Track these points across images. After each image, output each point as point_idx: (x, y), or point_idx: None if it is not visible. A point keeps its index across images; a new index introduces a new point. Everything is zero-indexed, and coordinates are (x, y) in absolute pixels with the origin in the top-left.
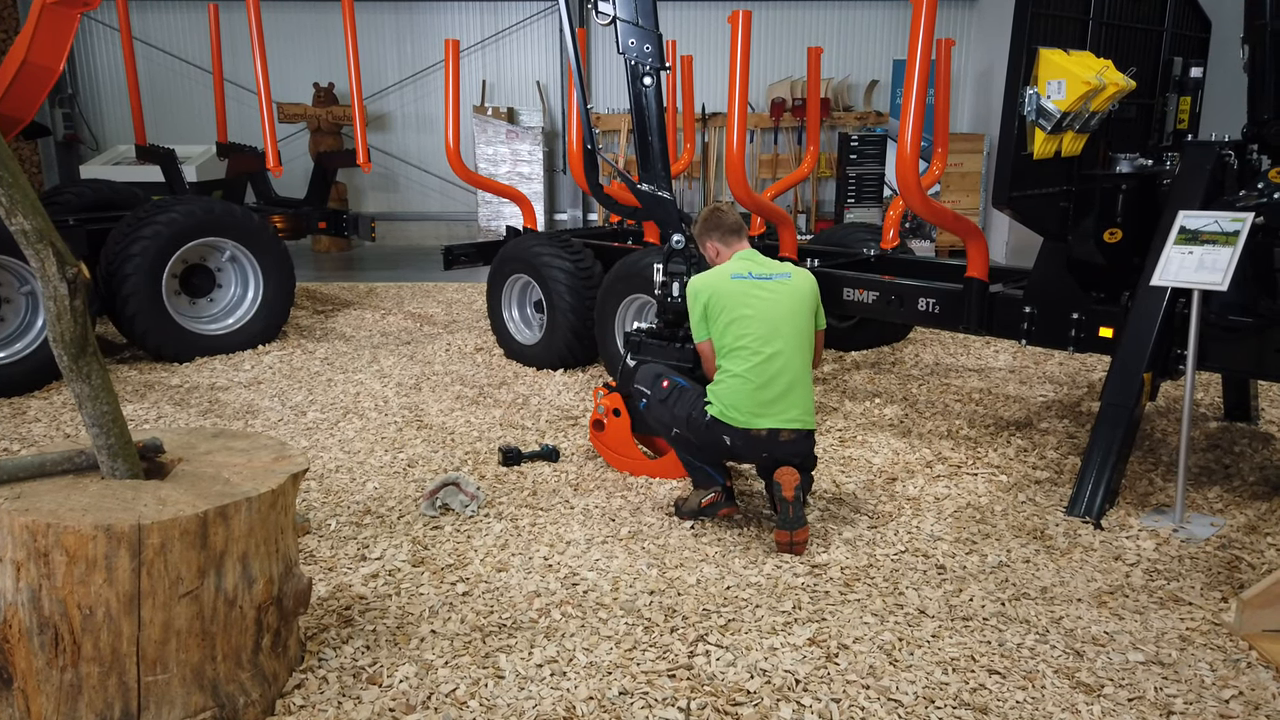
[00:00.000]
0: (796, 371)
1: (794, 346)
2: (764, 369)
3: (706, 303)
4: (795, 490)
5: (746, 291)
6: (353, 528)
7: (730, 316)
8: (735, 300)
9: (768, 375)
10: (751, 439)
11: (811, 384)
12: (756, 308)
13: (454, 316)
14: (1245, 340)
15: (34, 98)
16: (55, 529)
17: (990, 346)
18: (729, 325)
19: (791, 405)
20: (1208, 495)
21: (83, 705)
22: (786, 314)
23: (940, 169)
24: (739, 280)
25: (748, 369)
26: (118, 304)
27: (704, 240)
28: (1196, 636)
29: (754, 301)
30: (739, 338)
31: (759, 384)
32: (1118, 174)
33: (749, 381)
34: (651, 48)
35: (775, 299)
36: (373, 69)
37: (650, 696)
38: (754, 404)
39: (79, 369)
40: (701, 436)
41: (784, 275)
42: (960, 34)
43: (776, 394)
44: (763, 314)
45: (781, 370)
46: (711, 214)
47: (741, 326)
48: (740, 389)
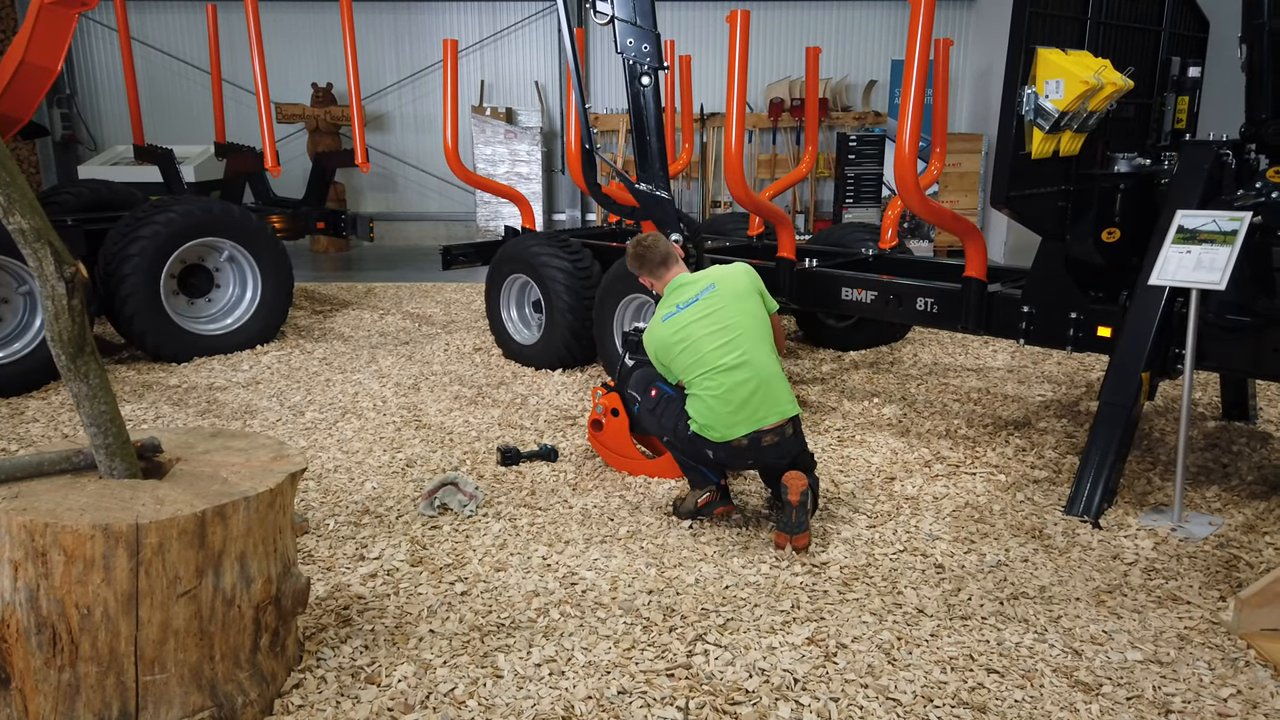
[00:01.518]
0: (762, 370)
1: (751, 342)
2: (726, 380)
3: (656, 355)
4: (801, 495)
5: (682, 326)
6: (351, 527)
7: (678, 355)
8: (675, 340)
9: (732, 384)
10: (734, 450)
11: (781, 372)
12: (698, 331)
13: (452, 316)
14: (1243, 339)
15: (32, 98)
16: (53, 528)
17: (989, 346)
18: (684, 362)
19: (763, 405)
20: (1206, 494)
21: (80, 705)
22: (730, 318)
23: (938, 169)
24: (670, 319)
25: (711, 388)
26: (116, 304)
27: (639, 276)
28: (1195, 635)
29: (694, 329)
30: (694, 366)
31: (725, 397)
32: (1116, 173)
33: (716, 399)
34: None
35: (711, 313)
36: (371, 69)
37: (649, 696)
38: (725, 416)
39: (77, 369)
40: (686, 448)
41: (710, 288)
42: (958, 34)
43: (744, 399)
44: (707, 334)
45: (747, 377)
46: (634, 250)
47: (691, 356)
48: (712, 407)
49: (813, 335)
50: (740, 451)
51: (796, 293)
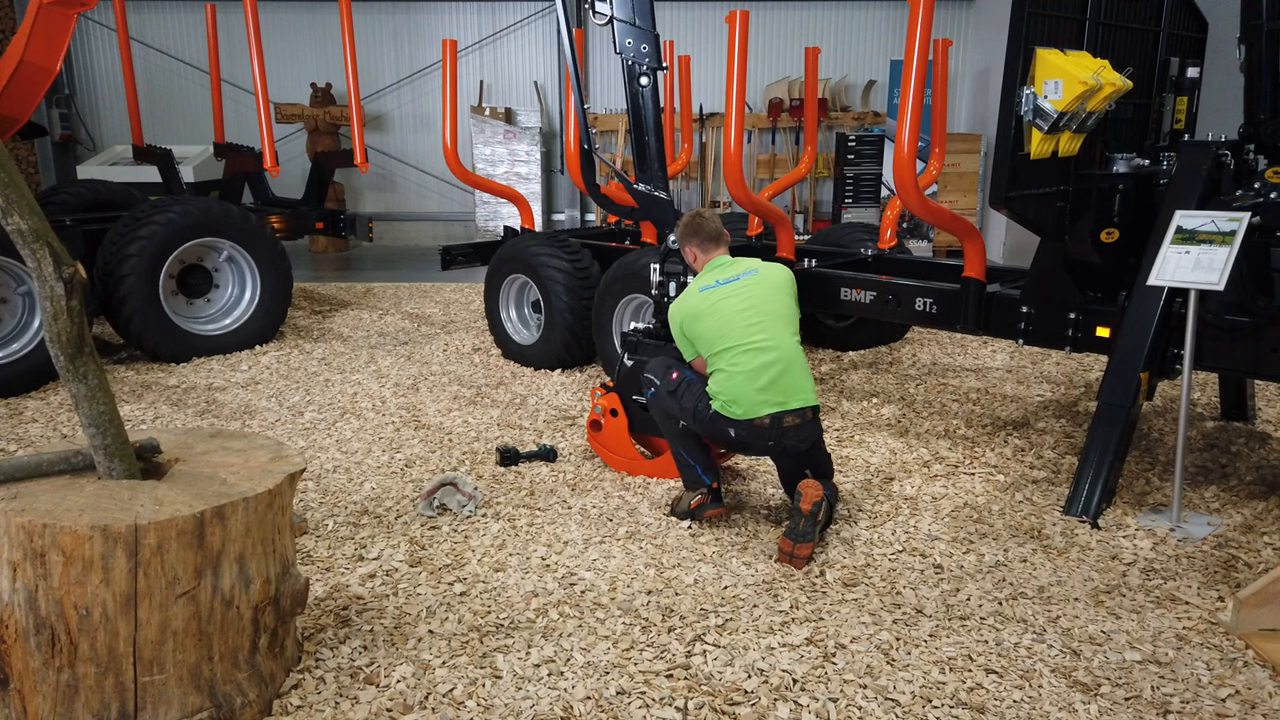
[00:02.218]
0: (788, 355)
1: (780, 330)
2: (754, 359)
3: (681, 325)
4: (814, 505)
5: (719, 300)
6: (350, 528)
7: (708, 326)
8: (708, 311)
9: (759, 364)
10: (755, 429)
11: (806, 364)
12: (732, 307)
13: (451, 317)
14: (1242, 340)
15: (31, 98)
16: (52, 529)
17: (987, 346)
18: (711, 334)
19: (789, 389)
20: (1204, 495)
21: (79, 705)
22: (763, 302)
23: (937, 169)
24: (707, 292)
25: (740, 364)
26: (115, 304)
27: (684, 245)
28: (1193, 635)
29: (727, 304)
30: (722, 339)
31: (753, 374)
32: (1114, 174)
33: (743, 375)
34: (648, 47)
35: (747, 293)
36: (370, 69)
37: (648, 696)
38: (752, 394)
39: (75, 369)
40: (706, 429)
41: (752, 272)
42: (957, 34)
43: (771, 380)
44: (739, 310)
45: (774, 359)
46: (692, 219)
47: (722, 329)
48: (737, 383)
49: (812, 335)
50: (762, 431)
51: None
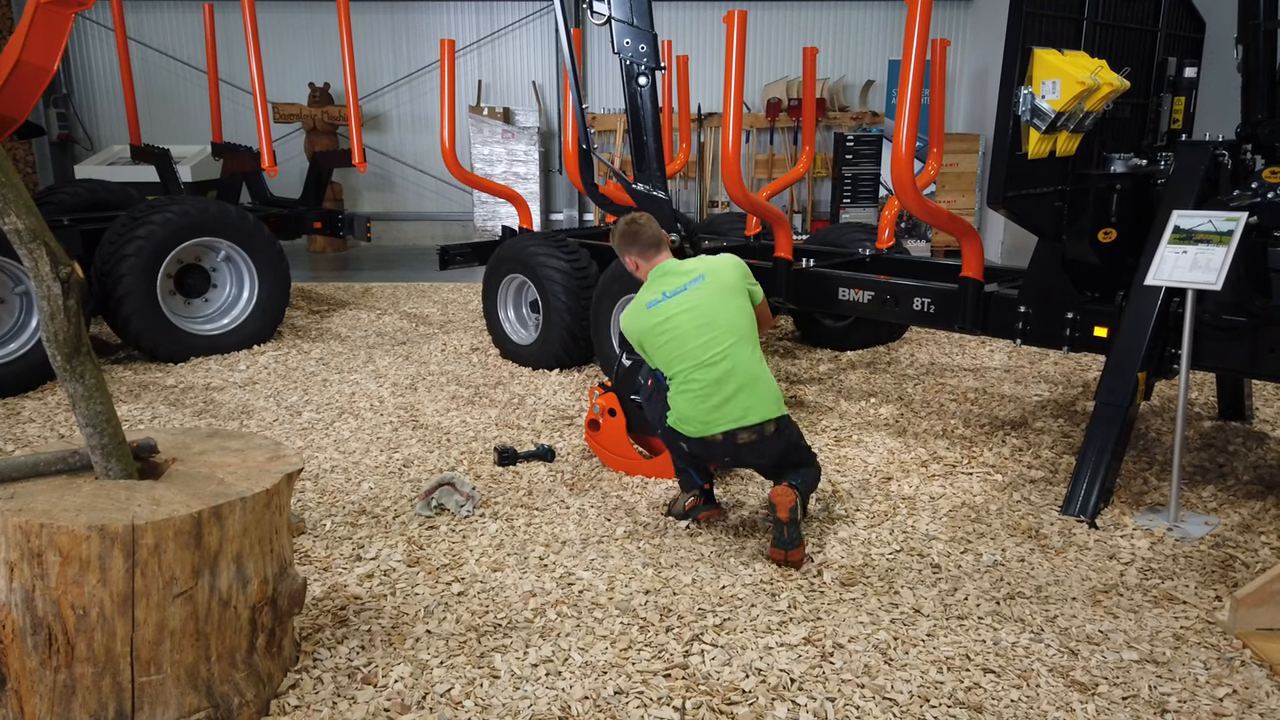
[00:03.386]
0: (744, 368)
1: (735, 342)
2: (707, 376)
3: (639, 342)
4: (790, 512)
5: (667, 318)
6: (348, 528)
7: (661, 346)
8: (658, 330)
9: (712, 379)
10: (709, 445)
11: (767, 374)
12: (684, 325)
13: (449, 317)
14: (1239, 339)
15: (28, 97)
16: (49, 529)
17: (985, 346)
18: (664, 356)
19: (743, 404)
20: (1202, 494)
21: (77, 706)
22: (715, 314)
23: (935, 169)
24: (655, 308)
25: (693, 383)
26: (112, 304)
27: (623, 254)
28: (1191, 635)
29: (677, 322)
30: (677, 360)
31: (705, 393)
32: (1112, 174)
33: (697, 394)
34: (647, 47)
35: (697, 306)
36: (368, 69)
37: (645, 696)
38: (703, 413)
39: (73, 369)
40: (665, 439)
41: (698, 280)
42: (955, 34)
43: (725, 398)
44: (692, 329)
45: (728, 373)
46: (628, 227)
47: (674, 350)
48: (689, 401)
49: (810, 335)
50: (715, 447)
51: (794, 293)
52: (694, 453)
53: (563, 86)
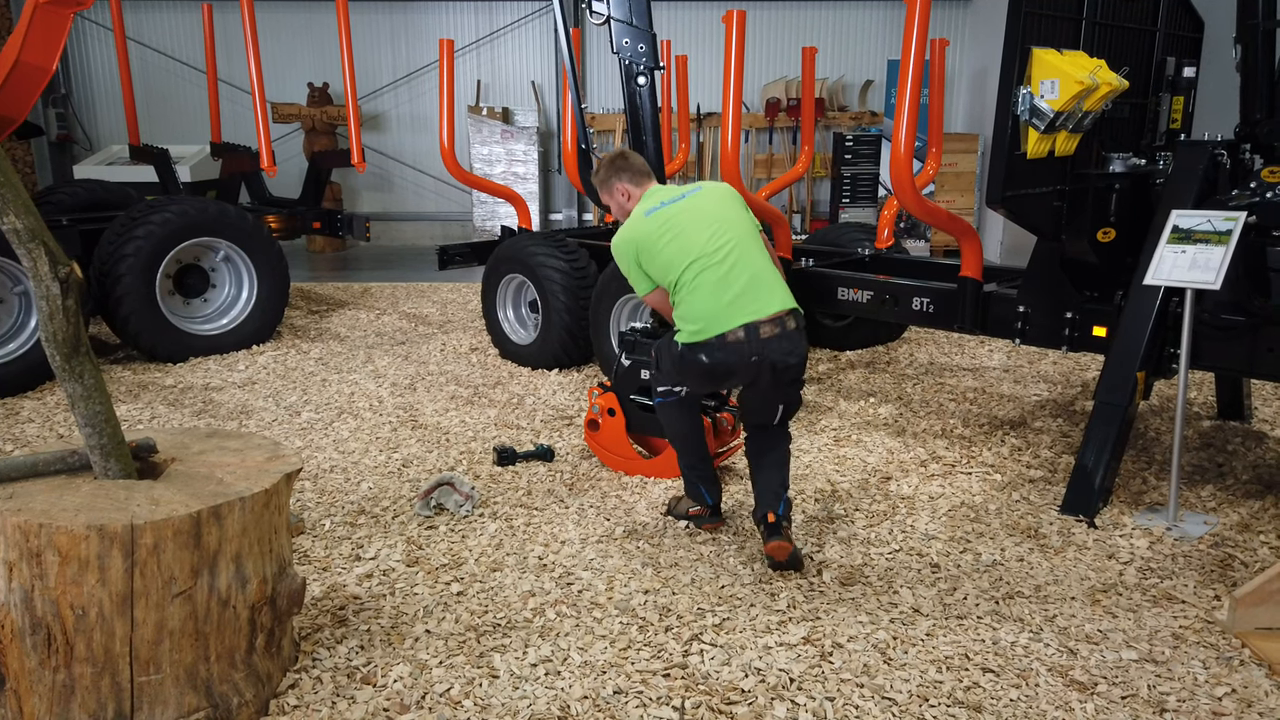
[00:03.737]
0: (756, 262)
1: (741, 237)
2: (718, 270)
3: (637, 255)
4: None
5: (668, 220)
6: (347, 528)
7: (664, 248)
8: (661, 232)
9: (723, 274)
10: (731, 347)
11: (777, 271)
12: (688, 221)
13: (449, 316)
14: (1238, 339)
15: (27, 97)
16: (48, 529)
17: (984, 346)
18: (669, 256)
19: (761, 295)
20: (1201, 494)
21: (75, 706)
22: (717, 213)
23: (934, 169)
24: (654, 214)
25: (704, 278)
26: (111, 304)
27: (612, 184)
28: (1190, 634)
29: (679, 221)
30: (683, 256)
31: (719, 286)
32: (1111, 173)
33: (708, 288)
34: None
35: (698, 207)
36: (367, 69)
37: (645, 696)
38: (721, 306)
39: (72, 369)
40: (686, 373)
41: (695, 190)
42: (954, 34)
43: (740, 290)
44: (693, 225)
45: (738, 264)
46: (619, 156)
47: (679, 247)
48: (704, 298)
49: (809, 335)
50: (739, 347)
51: (793, 293)
52: (715, 365)
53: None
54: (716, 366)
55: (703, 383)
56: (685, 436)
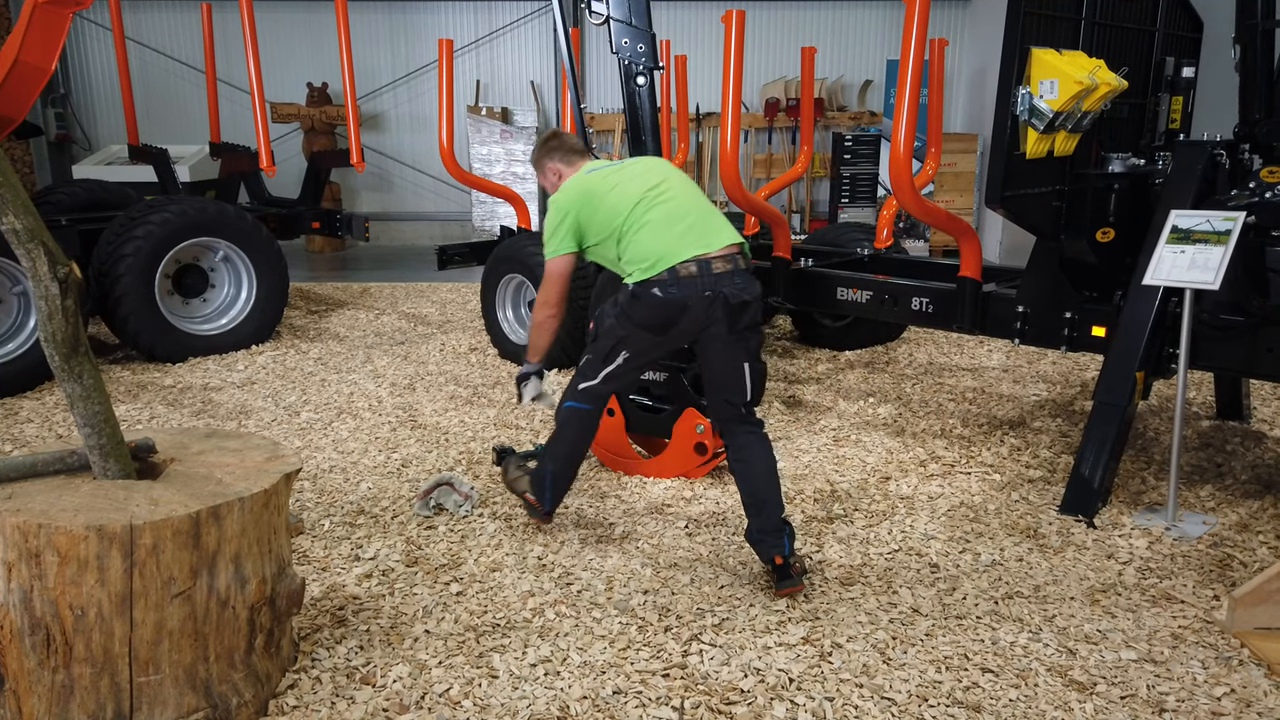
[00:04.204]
0: (700, 201)
1: (683, 184)
2: (666, 206)
3: (580, 206)
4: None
5: (609, 174)
6: (346, 528)
7: (608, 193)
8: (605, 188)
9: (671, 208)
10: (684, 281)
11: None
12: (625, 178)
13: (448, 317)
14: (1237, 339)
15: (26, 97)
16: (47, 529)
17: (984, 346)
18: (613, 202)
19: (709, 230)
20: (1200, 494)
21: (75, 706)
22: (656, 169)
23: (934, 169)
24: (595, 172)
25: (652, 213)
26: (110, 304)
27: (544, 164)
28: (1189, 634)
29: (622, 176)
30: (627, 201)
31: (665, 223)
32: (1110, 173)
33: (657, 221)
34: (645, 47)
35: (635, 170)
36: (366, 69)
37: (644, 696)
38: (670, 240)
39: (71, 369)
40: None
41: (631, 160)
42: (954, 34)
43: (689, 224)
44: (634, 178)
45: (684, 203)
46: (551, 136)
47: (623, 193)
48: (651, 232)
49: (808, 335)
50: (692, 281)
51: (792, 293)
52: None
53: (561, 86)
54: (670, 304)
55: (652, 332)
56: (574, 445)
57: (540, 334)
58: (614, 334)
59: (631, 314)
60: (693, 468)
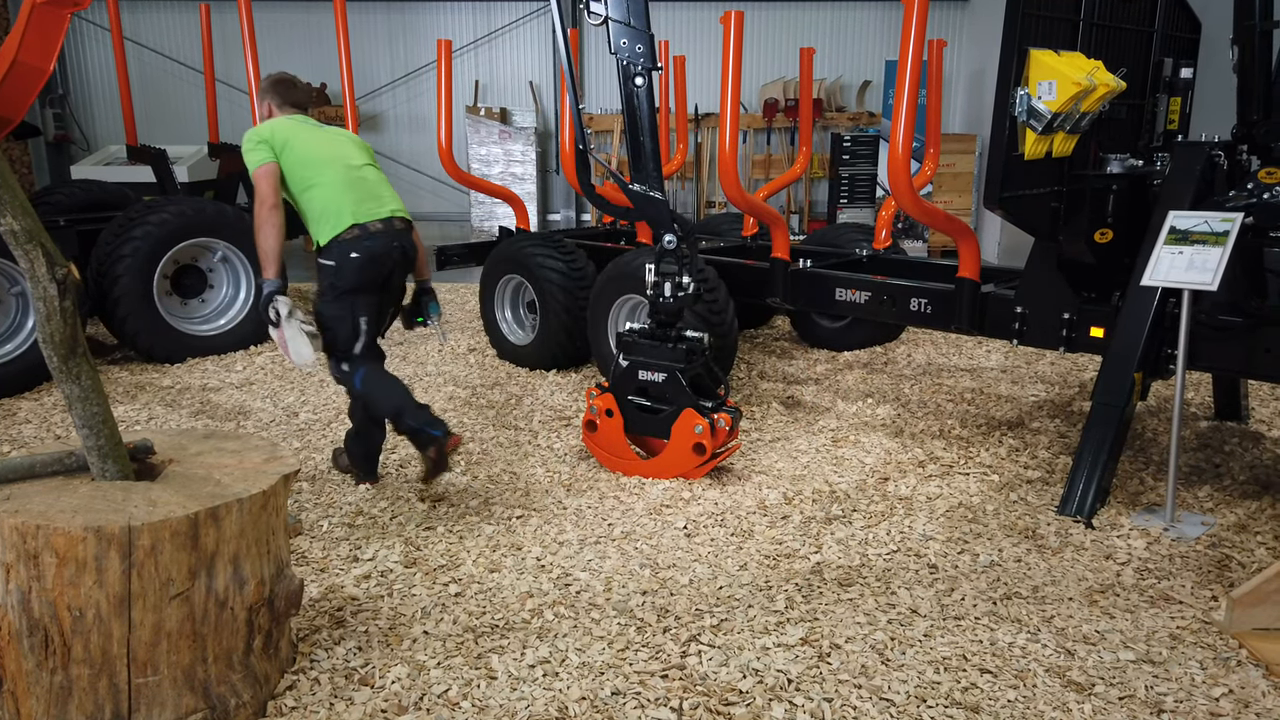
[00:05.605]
0: (380, 176)
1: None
2: (354, 172)
3: (270, 136)
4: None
5: (311, 129)
6: (345, 529)
7: (304, 142)
8: (302, 133)
9: (357, 176)
10: (376, 235)
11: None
12: (323, 138)
13: (447, 317)
14: (1235, 340)
15: (24, 98)
16: (45, 530)
17: (982, 346)
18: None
19: (385, 198)
20: (1198, 494)
21: (73, 707)
22: (349, 142)
23: (932, 169)
24: (298, 121)
25: (342, 176)
26: (109, 305)
27: (265, 99)
28: (1187, 635)
29: (318, 135)
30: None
31: (355, 183)
32: (1108, 174)
33: (339, 185)
34: (643, 48)
35: (335, 136)
36: (365, 69)
37: (643, 697)
38: (354, 201)
39: (69, 370)
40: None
41: (334, 128)
42: (952, 35)
43: (365, 193)
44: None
45: (363, 178)
46: (284, 81)
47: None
48: (336, 191)
49: (807, 335)
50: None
51: (791, 293)
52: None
53: (560, 87)
54: (376, 253)
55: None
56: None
57: (268, 234)
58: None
59: (340, 284)
60: (692, 468)
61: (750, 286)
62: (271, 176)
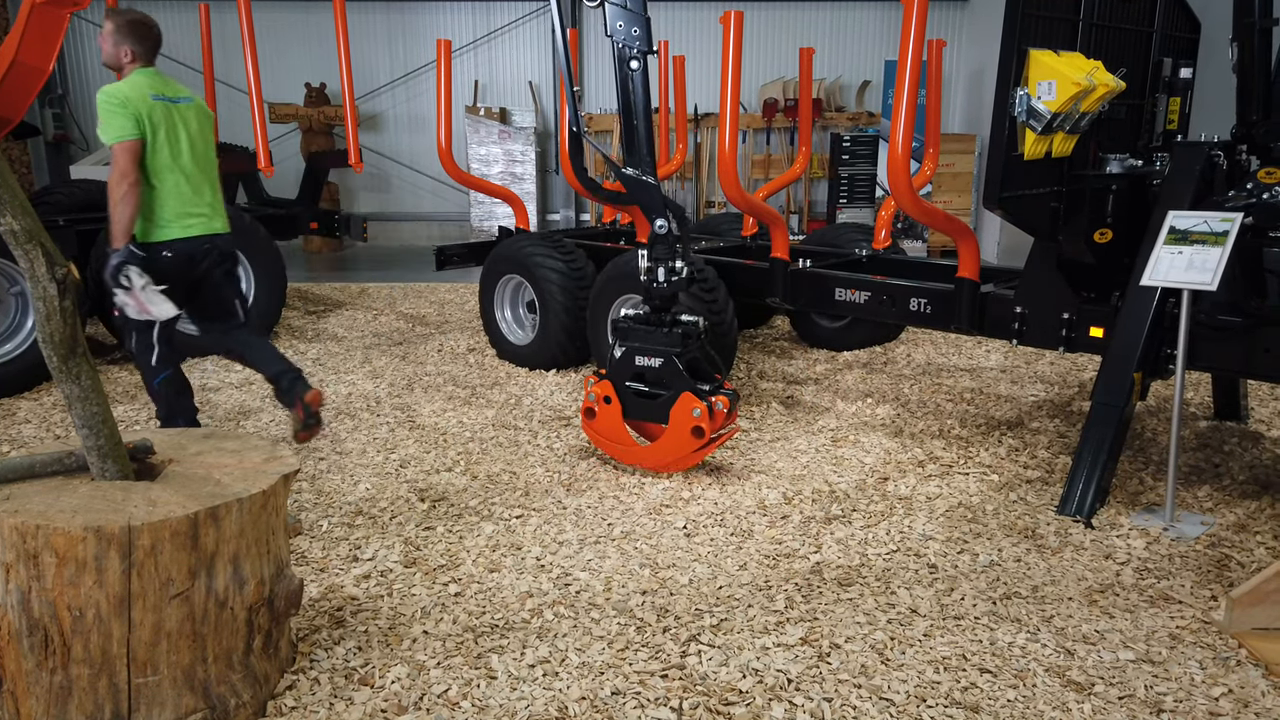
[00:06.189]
0: (213, 185)
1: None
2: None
3: (136, 113)
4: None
5: (168, 113)
6: (344, 529)
7: (160, 136)
8: (161, 120)
9: (196, 185)
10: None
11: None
12: (177, 130)
13: (446, 317)
14: (1235, 340)
15: (24, 98)
16: (45, 530)
17: (981, 346)
18: (159, 144)
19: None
20: (1198, 494)
21: (73, 707)
22: (198, 138)
23: (932, 169)
24: (159, 101)
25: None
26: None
27: (123, 42)
28: (1186, 635)
29: (175, 124)
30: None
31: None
32: (1108, 174)
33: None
34: (640, 31)
35: (187, 123)
36: (364, 69)
37: (643, 696)
38: (185, 207)
39: (68, 370)
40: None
41: (188, 100)
42: (952, 35)
43: (206, 203)
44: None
45: (206, 186)
46: (146, 21)
47: (170, 145)
48: (175, 194)
49: (807, 335)
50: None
51: (790, 293)
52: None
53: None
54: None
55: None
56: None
57: (125, 208)
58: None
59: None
60: (691, 451)
61: (750, 286)
62: (133, 153)
